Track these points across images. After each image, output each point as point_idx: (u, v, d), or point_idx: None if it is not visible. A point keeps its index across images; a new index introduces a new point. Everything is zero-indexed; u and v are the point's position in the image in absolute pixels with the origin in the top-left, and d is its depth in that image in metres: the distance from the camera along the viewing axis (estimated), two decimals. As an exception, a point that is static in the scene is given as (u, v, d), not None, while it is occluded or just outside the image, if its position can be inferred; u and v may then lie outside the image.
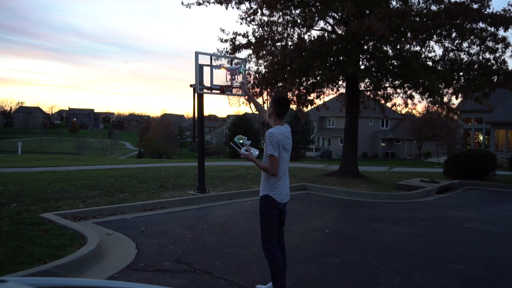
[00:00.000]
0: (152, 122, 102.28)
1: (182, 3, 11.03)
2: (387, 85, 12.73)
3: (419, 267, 4.58)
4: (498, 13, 10.35)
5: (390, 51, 11.67)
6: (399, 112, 13.64)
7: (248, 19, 11.80)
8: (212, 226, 6.15)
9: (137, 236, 5.41)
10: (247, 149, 3.65)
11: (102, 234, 5.29)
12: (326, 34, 12.11)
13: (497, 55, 11.01)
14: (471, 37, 10.87)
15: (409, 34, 10.64)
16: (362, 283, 4.06)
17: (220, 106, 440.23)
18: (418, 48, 11.58)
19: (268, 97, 15.68)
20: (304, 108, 13.09)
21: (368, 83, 12.72)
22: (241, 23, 13.11)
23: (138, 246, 4.98)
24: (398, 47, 11.14)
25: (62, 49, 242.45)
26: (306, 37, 11.90)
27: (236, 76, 6.28)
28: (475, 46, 11.16)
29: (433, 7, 11.07)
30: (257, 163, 3.57)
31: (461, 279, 4.25)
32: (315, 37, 11.78)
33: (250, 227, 6.13)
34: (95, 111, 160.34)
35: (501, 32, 10.55)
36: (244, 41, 11.78)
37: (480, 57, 11.21)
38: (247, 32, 24.93)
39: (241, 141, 3.71)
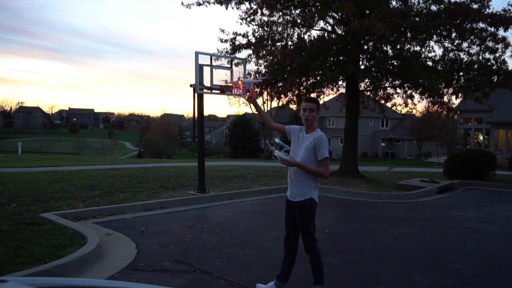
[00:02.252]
0: (152, 122, 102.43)
1: (182, 3, 11.04)
2: (387, 85, 12.74)
3: (419, 267, 4.58)
4: (498, 13, 10.35)
5: (390, 51, 11.68)
6: (399, 112, 13.65)
7: (248, 19, 11.81)
8: (212, 226, 6.15)
9: (137, 236, 5.41)
10: (287, 155, 3.54)
11: (102, 234, 5.29)
12: (326, 34, 12.11)
13: (497, 55, 11.02)
14: (471, 37, 10.88)
15: (409, 34, 10.65)
16: (362, 283, 4.06)
17: (220, 106, 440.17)
18: (418, 48, 11.60)
19: (268, 97, 15.64)
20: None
21: (368, 83, 12.72)
22: (241, 23, 13.10)
23: (138, 246, 4.99)
24: (398, 47, 11.15)
25: (62, 49, 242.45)
26: (306, 37, 11.92)
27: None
28: (475, 46, 11.17)
29: (433, 7, 11.07)
30: (307, 168, 3.49)
31: (461, 279, 4.25)
32: (315, 37, 11.79)
33: (250, 227, 6.14)
34: (95, 111, 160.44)
35: (501, 32, 10.56)
36: (244, 41, 11.79)
37: (480, 57, 11.21)
38: (247, 32, 24.91)
39: (285, 145, 3.65)
